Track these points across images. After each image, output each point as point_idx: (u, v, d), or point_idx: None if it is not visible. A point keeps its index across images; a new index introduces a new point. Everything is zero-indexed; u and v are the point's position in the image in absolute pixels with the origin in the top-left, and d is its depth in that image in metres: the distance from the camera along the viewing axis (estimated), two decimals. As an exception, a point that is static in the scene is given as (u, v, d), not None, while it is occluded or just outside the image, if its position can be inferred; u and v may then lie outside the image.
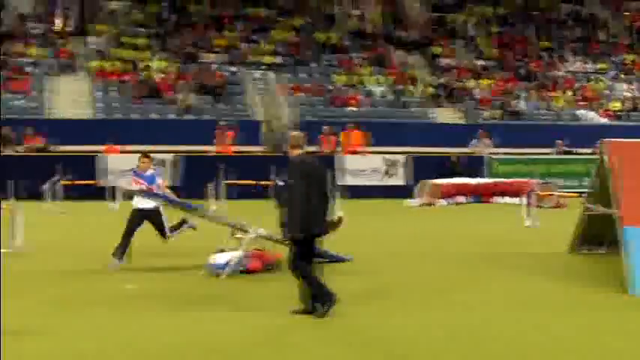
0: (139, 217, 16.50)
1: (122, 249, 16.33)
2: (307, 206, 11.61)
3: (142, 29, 45.05)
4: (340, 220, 14.57)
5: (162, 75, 41.31)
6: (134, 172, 16.91)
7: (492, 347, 10.37)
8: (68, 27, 44.81)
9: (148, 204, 16.51)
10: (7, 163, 31.17)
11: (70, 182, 29.99)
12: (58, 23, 45.00)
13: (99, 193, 30.03)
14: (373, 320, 11.87)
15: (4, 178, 25.18)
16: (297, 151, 12.09)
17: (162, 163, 32.65)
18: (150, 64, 42.01)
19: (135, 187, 16.73)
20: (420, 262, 17.40)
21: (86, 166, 31.87)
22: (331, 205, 12.20)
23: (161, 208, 16.61)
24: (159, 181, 16.82)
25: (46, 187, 28.74)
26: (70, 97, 39.53)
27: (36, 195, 27.93)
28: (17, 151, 33.90)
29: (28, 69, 41.09)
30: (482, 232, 22.98)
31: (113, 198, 28.37)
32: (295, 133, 12.66)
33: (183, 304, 12.93)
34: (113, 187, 28.74)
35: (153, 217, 16.52)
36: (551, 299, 13.54)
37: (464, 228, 24.25)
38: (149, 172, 16.76)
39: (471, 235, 22.14)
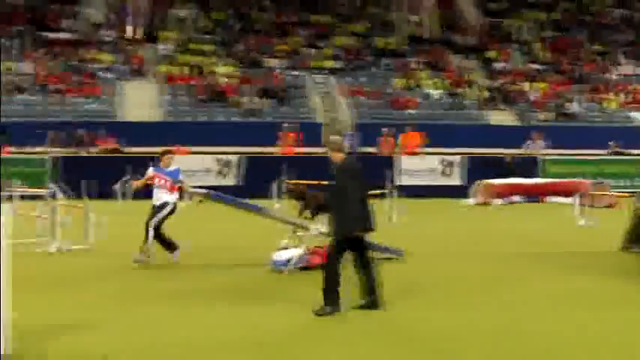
0: (153, 211, 16.30)
1: (166, 244, 16.35)
2: (358, 206, 11.61)
3: (208, 36, 45.26)
4: None
5: (227, 79, 41.45)
6: (156, 168, 16.44)
7: (539, 343, 10.18)
8: (138, 34, 45.12)
9: (160, 200, 16.22)
10: (80, 164, 31.48)
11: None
12: (129, 31, 45.35)
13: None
14: (421, 315, 11.73)
15: (78, 178, 25.37)
16: (339, 155, 12.02)
17: (228, 163, 32.78)
18: (215, 69, 42.18)
19: (159, 182, 16.32)
20: (472, 260, 17.21)
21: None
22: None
23: (171, 205, 16.26)
24: (181, 177, 16.46)
25: (116, 186, 28.96)
26: (140, 101, 39.84)
27: (107, 194, 28.12)
28: (90, 152, 34.23)
29: (101, 74, 41.47)
30: (535, 231, 22.71)
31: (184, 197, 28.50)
32: (336, 137, 12.67)
33: (245, 299, 12.88)
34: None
35: (162, 207, 16.18)
36: (601, 297, 13.28)
37: (517, 227, 23.99)
38: (172, 168, 16.42)
39: (524, 234, 21.89)
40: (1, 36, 43.11)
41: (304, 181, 29.10)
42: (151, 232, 16.03)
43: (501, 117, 42.04)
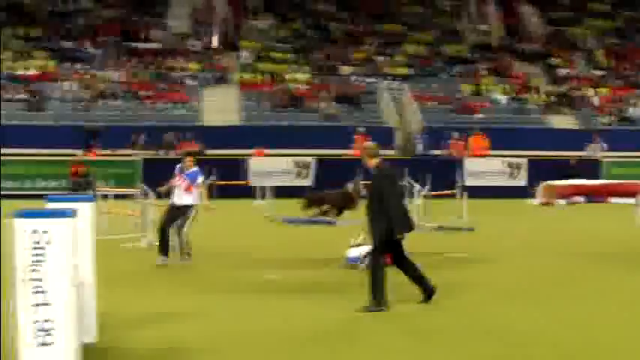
0: (170, 210, 16.22)
1: (164, 246, 16.05)
2: (397, 208, 11.60)
3: (286, 45, 45.48)
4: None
5: (304, 86, 41.64)
6: (179, 169, 16.31)
7: (606, 338, 10.11)
8: (221, 44, 45.53)
9: (183, 201, 16.12)
10: (164, 166, 31.78)
11: (221, 182, 30.52)
12: (214, 40, 45.78)
13: (246, 192, 30.45)
14: (492, 310, 11.72)
15: (162, 179, 25.59)
16: (375, 160, 11.90)
17: (305, 165, 32.96)
18: (292, 76, 42.39)
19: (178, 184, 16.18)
20: (537, 257, 17.10)
21: (235, 168, 32.34)
22: None
23: (193, 210, 16.19)
24: (200, 179, 16.29)
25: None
26: (221, 106, 40.21)
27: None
28: (177, 155, 34.65)
29: (186, 82, 41.95)
30: (597, 231, 22.49)
31: (262, 197, 28.79)
32: (371, 143, 12.35)
33: (318, 293, 12.97)
34: (259, 187, 29.20)
35: (184, 211, 16.09)
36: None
37: (580, 226, 23.80)
38: (192, 170, 16.27)
39: (586, 233, 21.71)
40: (95, 47, 43.90)
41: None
42: (184, 238, 16.05)
43: (563, 121, 41.59)
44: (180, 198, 16.14)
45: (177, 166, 16.37)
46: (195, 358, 9.27)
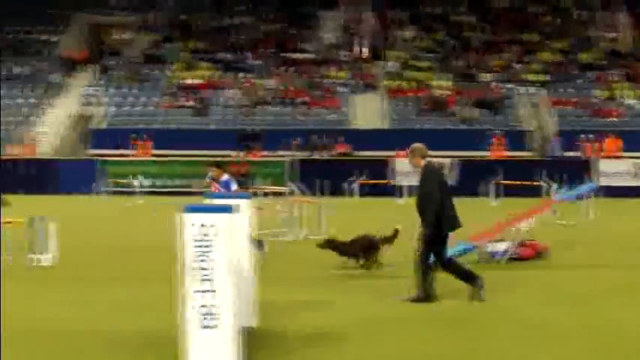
0: None
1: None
2: (445, 206, 11.23)
3: (429, 54, 45.28)
4: (396, 232, 14.18)
5: (445, 92, 41.40)
6: (212, 178, 15.90)
7: None
8: (369, 54, 45.69)
9: None
10: (316, 166, 32.25)
11: (366, 182, 30.69)
12: (363, 51, 45.98)
13: (389, 191, 30.50)
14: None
15: (313, 177, 26.07)
16: (422, 161, 11.58)
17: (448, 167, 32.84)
18: (434, 83, 42.20)
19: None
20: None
21: (379, 168, 32.42)
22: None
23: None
24: (234, 187, 15.73)
25: (347, 185, 29.52)
26: (369, 112, 40.45)
27: (339, 192, 28.63)
28: (328, 156, 35.08)
29: (338, 89, 42.29)
30: None
31: (400, 195, 28.82)
32: (420, 145, 11.85)
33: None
34: (401, 186, 29.26)
35: None
36: None
37: None
38: (224, 178, 15.70)
39: None
40: (254, 58, 44.78)
41: (511, 182, 28.73)
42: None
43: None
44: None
45: (209, 174, 16.18)
46: (348, 343, 9.35)
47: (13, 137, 38.82)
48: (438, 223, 11.15)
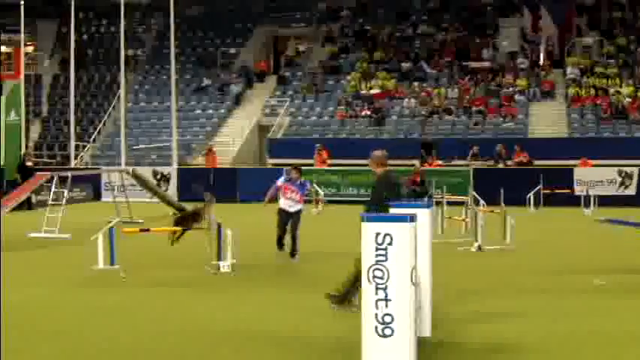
0: (285, 215, 16.70)
1: (281, 242, 16.97)
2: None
3: (612, 60, 43.77)
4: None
5: (629, 99, 39.90)
6: (288, 180, 16.87)
7: None
8: (547, 61, 44.69)
9: (293, 208, 16.65)
10: (496, 175, 31.72)
11: (549, 191, 29.94)
12: (541, 58, 45.03)
13: (574, 201, 29.63)
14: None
15: (497, 187, 25.51)
16: (379, 169, 11.52)
17: (629, 175, 31.68)
18: (619, 90, 40.73)
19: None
20: None
21: (563, 177, 31.56)
22: None
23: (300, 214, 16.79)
24: (308, 187, 17.36)
25: (530, 195, 28.90)
26: (549, 120, 39.57)
27: (519, 202, 27.92)
28: (507, 165, 34.49)
29: (516, 97, 41.56)
30: None
31: (587, 205, 27.96)
32: (379, 152, 11.65)
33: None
34: (587, 196, 28.42)
35: (295, 217, 16.66)
36: None
37: None
38: (302, 181, 16.93)
39: None
40: (432, 67, 44.59)
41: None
42: (298, 240, 16.71)
43: None
44: (295, 206, 16.77)
45: (281, 178, 17.05)
46: (526, 357, 9.14)
47: (197, 148, 40.31)
48: None
